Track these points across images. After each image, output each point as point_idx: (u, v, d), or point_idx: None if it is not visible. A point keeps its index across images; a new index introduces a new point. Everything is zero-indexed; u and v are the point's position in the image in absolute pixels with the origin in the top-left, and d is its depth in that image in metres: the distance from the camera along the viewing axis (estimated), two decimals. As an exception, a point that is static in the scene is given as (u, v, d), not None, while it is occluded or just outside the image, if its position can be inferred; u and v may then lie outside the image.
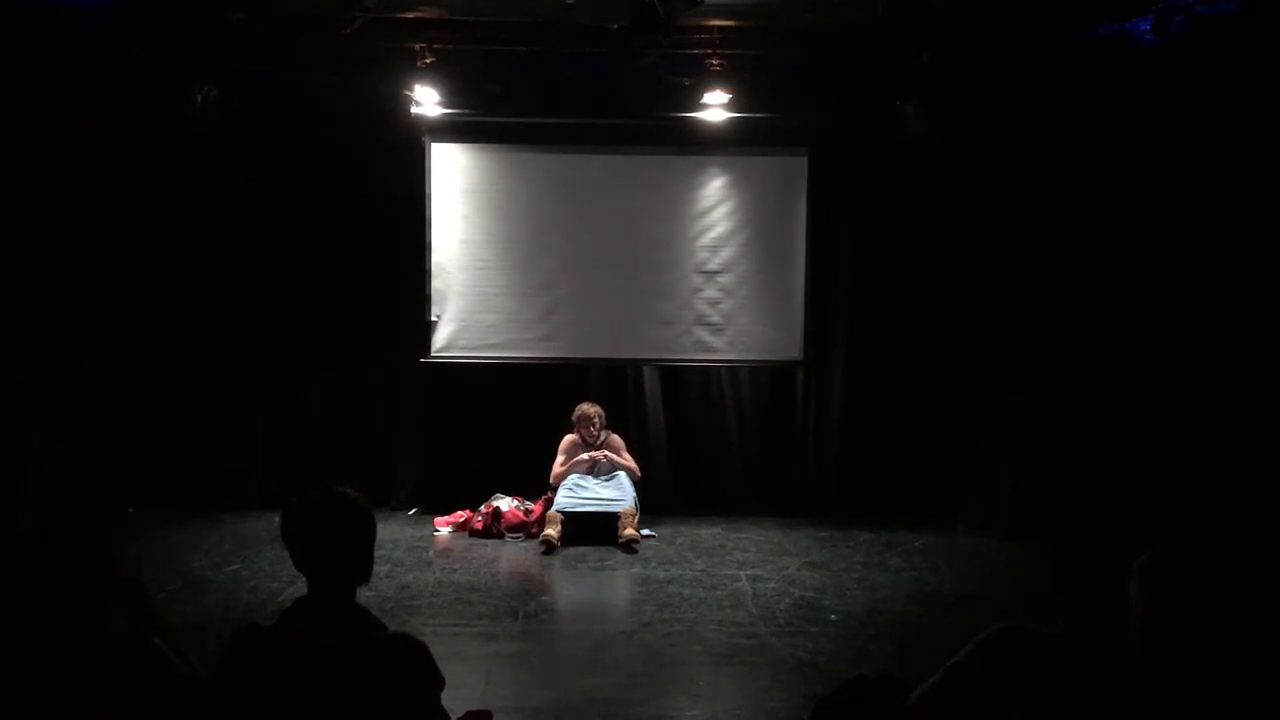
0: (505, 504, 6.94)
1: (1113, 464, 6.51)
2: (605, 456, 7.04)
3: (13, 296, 6.05)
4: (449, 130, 7.22)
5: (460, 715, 2.39)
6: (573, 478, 6.96)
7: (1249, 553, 1.78)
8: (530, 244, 7.45)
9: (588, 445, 7.10)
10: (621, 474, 7.02)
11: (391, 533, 6.65)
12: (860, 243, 7.46)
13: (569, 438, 7.14)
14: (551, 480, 7.01)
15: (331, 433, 7.46)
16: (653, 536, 6.80)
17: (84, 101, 6.22)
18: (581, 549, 6.50)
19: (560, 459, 7.07)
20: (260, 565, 5.96)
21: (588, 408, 7.14)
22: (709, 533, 6.96)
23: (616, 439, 7.20)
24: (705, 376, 7.68)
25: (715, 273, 7.48)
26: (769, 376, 7.72)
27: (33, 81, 5.85)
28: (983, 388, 7.10)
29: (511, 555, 6.48)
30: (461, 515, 6.99)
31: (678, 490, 7.59)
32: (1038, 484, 6.74)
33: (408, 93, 6.48)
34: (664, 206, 7.45)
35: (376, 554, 2.23)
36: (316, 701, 2.04)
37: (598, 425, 7.10)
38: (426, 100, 6.56)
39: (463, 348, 7.45)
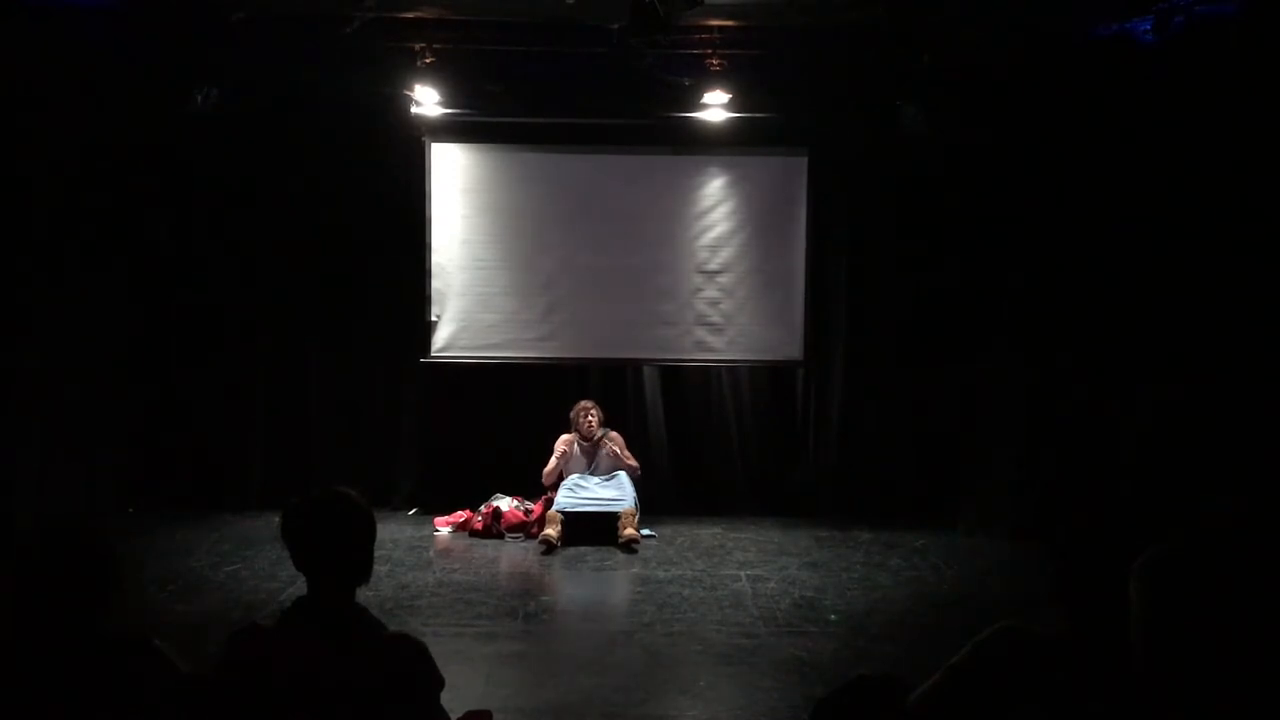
0: (505, 504, 6.94)
1: (1113, 464, 6.51)
2: (612, 451, 7.02)
3: (13, 296, 6.05)
4: (449, 130, 7.22)
5: (460, 715, 2.38)
6: (573, 477, 6.96)
7: (1249, 553, 1.77)
8: (530, 244, 7.45)
9: (585, 440, 7.10)
10: (622, 474, 7.02)
11: (391, 533, 6.65)
12: (860, 242, 7.46)
13: (565, 437, 7.14)
14: (543, 479, 7.00)
15: (331, 433, 7.46)
16: (653, 536, 6.80)
17: (84, 101, 6.22)
18: (581, 549, 6.50)
19: (553, 459, 7.06)
20: (260, 565, 5.96)
21: (585, 402, 7.18)
22: (709, 533, 6.96)
23: (617, 436, 7.19)
24: (705, 376, 7.68)
25: (715, 273, 7.48)
26: (769, 376, 7.72)
27: (33, 81, 5.85)
28: (983, 388, 7.10)
29: (511, 555, 6.48)
30: (461, 515, 6.99)
31: (678, 490, 7.59)
32: (1038, 484, 6.74)
33: (408, 93, 6.48)
34: (664, 206, 7.45)
35: (376, 554, 2.23)
36: (316, 702, 2.04)
37: (595, 420, 7.10)
38: (426, 100, 6.56)
39: (463, 348, 7.45)
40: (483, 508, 6.95)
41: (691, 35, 5.96)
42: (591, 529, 6.65)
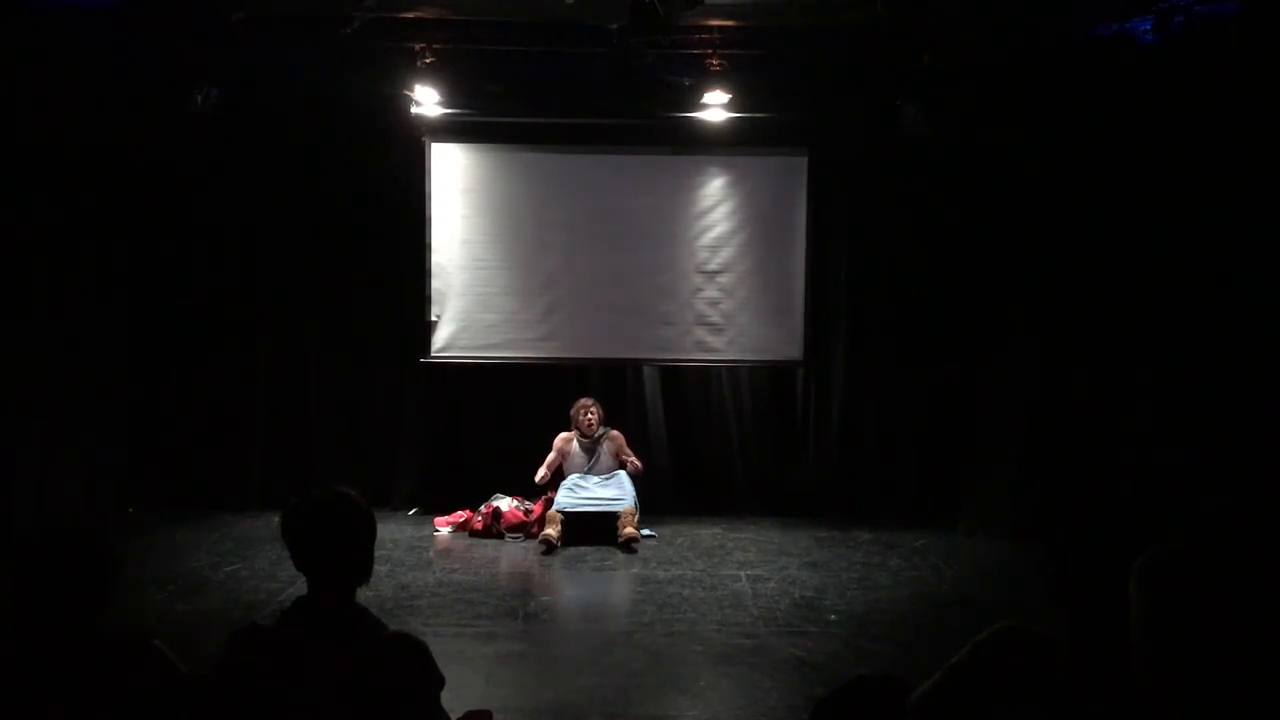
0: (505, 504, 6.94)
1: (1113, 463, 6.51)
2: (632, 464, 7.01)
3: (12, 296, 6.05)
4: (449, 130, 7.22)
5: (460, 715, 2.38)
6: (573, 477, 6.96)
7: (1249, 553, 1.77)
8: (530, 244, 7.45)
9: (585, 437, 7.10)
10: (621, 473, 7.01)
11: (391, 533, 6.65)
12: (860, 243, 7.47)
13: (564, 435, 7.14)
14: (536, 479, 6.97)
15: (331, 433, 7.46)
16: (653, 536, 6.80)
17: (84, 101, 6.21)
18: (581, 549, 6.50)
19: (550, 458, 7.04)
20: (260, 565, 5.96)
21: (585, 400, 7.18)
22: (709, 533, 6.96)
23: (618, 436, 7.19)
24: (705, 376, 7.68)
25: (715, 273, 7.47)
26: (769, 376, 7.73)
27: (33, 81, 5.85)
28: (983, 387, 7.10)
29: (511, 555, 6.48)
30: (461, 515, 6.99)
31: (678, 490, 7.59)
32: (1038, 484, 6.74)
33: (408, 93, 6.48)
34: (664, 206, 7.45)
35: (376, 554, 2.23)
36: (316, 702, 2.04)
37: (596, 418, 7.10)
38: (426, 100, 6.56)
39: (463, 348, 7.45)
40: (483, 508, 6.95)
41: (691, 35, 5.96)
42: (591, 529, 6.65)
